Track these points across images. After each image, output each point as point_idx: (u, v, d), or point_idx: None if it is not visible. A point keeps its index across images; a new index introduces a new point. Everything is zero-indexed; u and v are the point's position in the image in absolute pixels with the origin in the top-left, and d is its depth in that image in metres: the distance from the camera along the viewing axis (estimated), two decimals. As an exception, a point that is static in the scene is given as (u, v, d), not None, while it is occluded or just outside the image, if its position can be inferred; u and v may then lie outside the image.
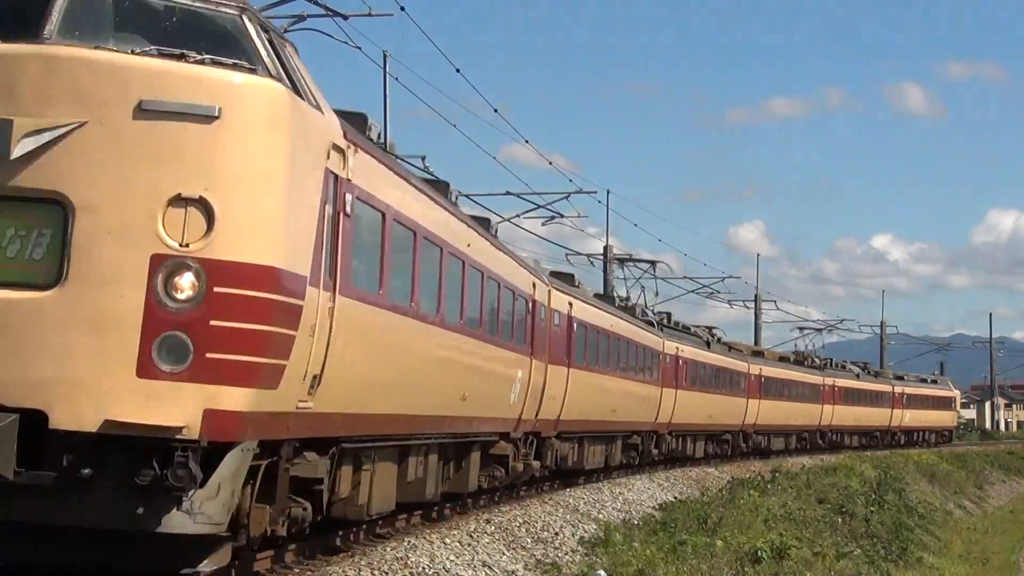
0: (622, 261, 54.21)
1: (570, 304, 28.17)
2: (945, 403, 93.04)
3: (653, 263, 55.06)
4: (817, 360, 71.86)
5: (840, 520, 33.22)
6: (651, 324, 40.76)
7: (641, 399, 36.57)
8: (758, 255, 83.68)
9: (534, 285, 24.67)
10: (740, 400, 50.82)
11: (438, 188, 18.52)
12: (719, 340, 55.02)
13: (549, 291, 26.14)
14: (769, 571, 21.26)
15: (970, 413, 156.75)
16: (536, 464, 26.41)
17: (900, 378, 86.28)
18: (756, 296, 78.52)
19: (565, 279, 30.51)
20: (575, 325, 28.46)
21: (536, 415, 25.77)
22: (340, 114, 13.33)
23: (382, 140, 16.90)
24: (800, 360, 68.59)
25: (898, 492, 45.10)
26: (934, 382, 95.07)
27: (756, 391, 52.88)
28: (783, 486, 37.99)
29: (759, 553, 21.87)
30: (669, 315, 48.06)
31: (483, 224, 21.85)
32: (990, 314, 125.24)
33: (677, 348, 41.52)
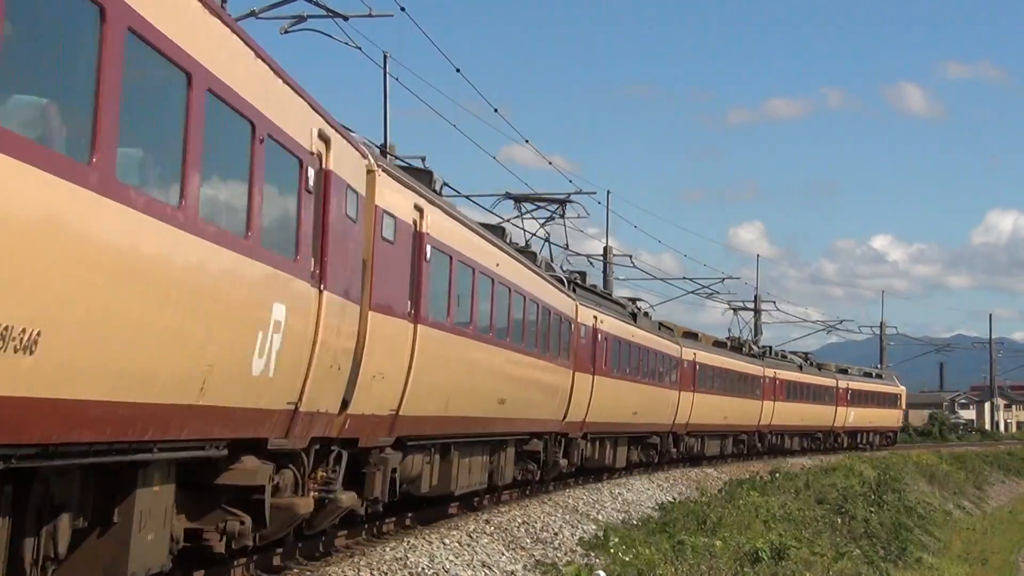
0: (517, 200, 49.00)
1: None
2: (891, 400, 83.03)
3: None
4: (755, 347, 61.43)
5: (839, 520, 33.25)
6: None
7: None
8: (758, 256, 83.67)
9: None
10: (671, 394, 41.12)
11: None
12: (646, 314, 44.56)
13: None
14: (768, 571, 21.28)
15: (970, 414, 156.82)
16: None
17: (844, 371, 76.53)
18: (756, 297, 78.52)
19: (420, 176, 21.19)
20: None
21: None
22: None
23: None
24: (737, 346, 57.39)
25: (897, 492, 45.13)
26: (879, 376, 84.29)
27: (689, 383, 43.53)
28: (782, 486, 38.03)
29: (758, 553, 21.90)
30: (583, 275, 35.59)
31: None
32: (990, 315, 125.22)
33: (595, 316, 31.54)
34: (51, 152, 7.72)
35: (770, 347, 63.44)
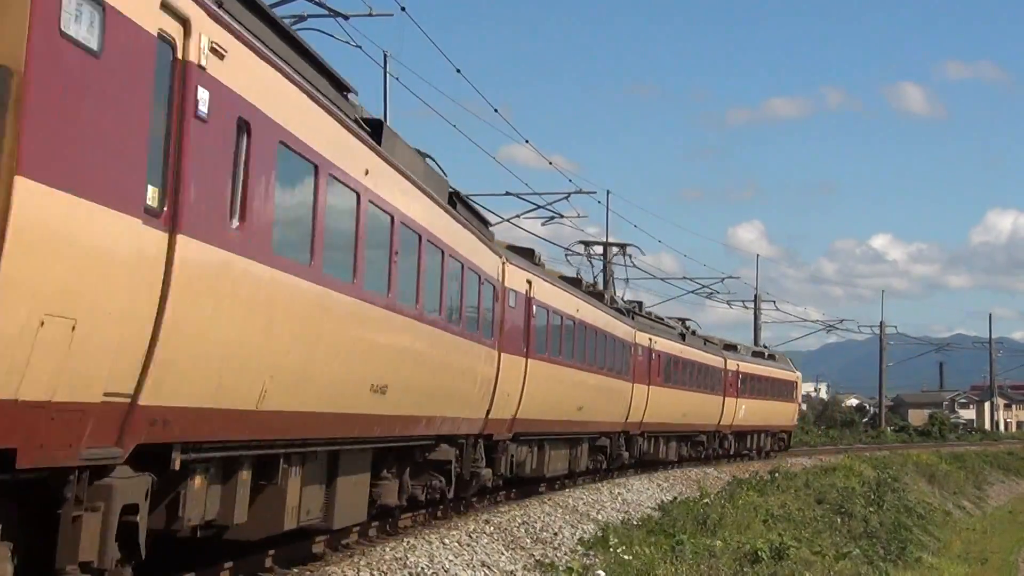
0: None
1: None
2: (787, 390, 62.41)
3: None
4: (621, 301, 41.10)
5: (839, 520, 33.24)
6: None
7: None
8: (757, 255, 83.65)
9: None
10: (488, 372, 22.14)
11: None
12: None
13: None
14: (768, 571, 21.27)
15: (970, 413, 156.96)
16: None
17: (731, 347, 55.75)
18: (755, 296, 78.59)
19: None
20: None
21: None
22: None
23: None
24: (595, 293, 35.39)
25: (897, 492, 45.14)
26: (771, 357, 63.27)
27: (509, 342, 23.57)
28: (782, 486, 38.03)
29: (758, 553, 21.89)
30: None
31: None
32: (989, 315, 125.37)
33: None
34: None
35: (639, 302, 44.22)
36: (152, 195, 9.18)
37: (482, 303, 20.93)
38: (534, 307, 25.21)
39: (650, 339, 39.29)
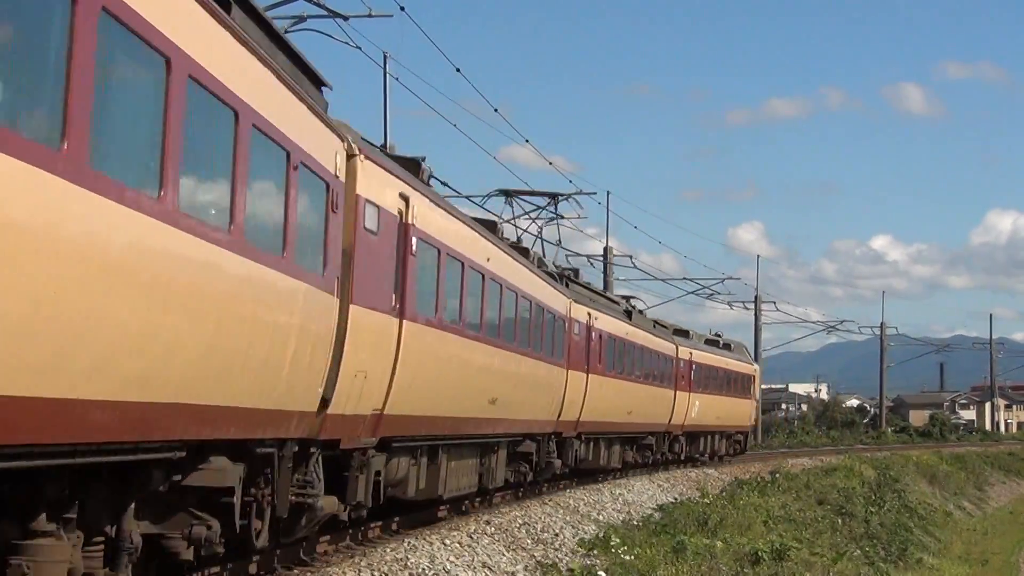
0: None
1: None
2: (743, 385, 55.06)
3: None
4: (552, 265, 32.71)
5: (840, 521, 33.25)
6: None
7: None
8: (758, 256, 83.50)
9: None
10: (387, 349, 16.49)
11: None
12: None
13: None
14: (769, 572, 21.28)
15: (970, 414, 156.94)
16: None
17: (683, 333, 47.64)
18: (756, 297, 78.52)
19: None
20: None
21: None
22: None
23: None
24: (520, 247, 28.12)
25: (898, 493, 45.16)
26: (727, 346, 55.12)
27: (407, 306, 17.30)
28: (783, 487, 38.04)
29: (759, 554, 21.90)
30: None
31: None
32: (990, 315, 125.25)
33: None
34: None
35: (575, 269, 36.79)
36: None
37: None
38: (413, 239, 16.71)
39: (589, 314, 31.07)
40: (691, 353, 45.02)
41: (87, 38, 7.99)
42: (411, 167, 17.94)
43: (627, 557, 19.85)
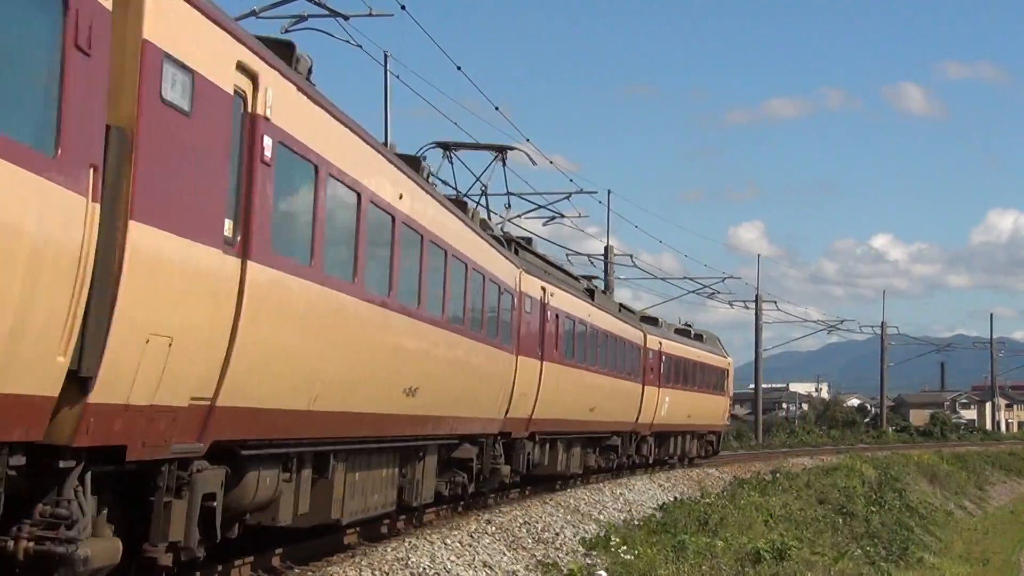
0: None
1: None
2: (717, 380, 49.76)
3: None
4: (498, 229, 28.59)
5: (841, 520, 33.25)
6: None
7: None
8: (758, 255, 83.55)
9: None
10: (220, 302, 11.80)
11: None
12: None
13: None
14: (770, 571, 21.26)
15: (971, 414, 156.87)
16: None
17: (652, 321, 42.63)
18: (756, 296, 78.49)
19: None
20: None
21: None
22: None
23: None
24: (458, 200, 23.30)
25: (899, 492, 45.15)
26: (698, 337, 49.39)
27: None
28: (784, 486, 38.02)
29: (760, 553, 21.89)
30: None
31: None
32: (991, 314, 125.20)
33: None
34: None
35: (528, 237, 30.63)
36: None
37: None
38: (265, 140, 11.46)
39: (543, 289, 26.16)
40: (660, 343, 39.76)
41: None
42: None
43: (628, 557, 19.85)
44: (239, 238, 10.74)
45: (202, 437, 10.57)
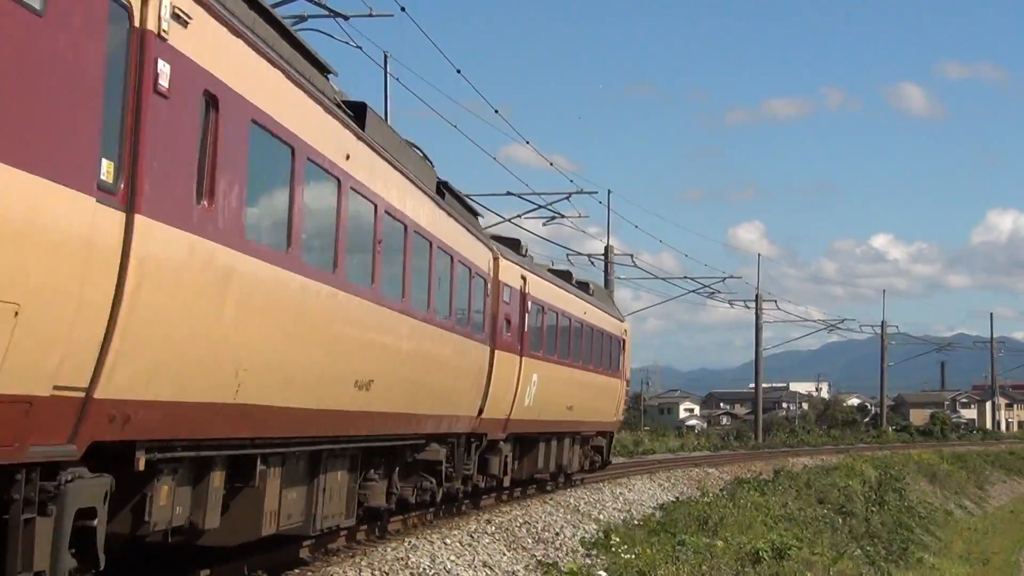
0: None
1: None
2: (611, 353, 33.43)
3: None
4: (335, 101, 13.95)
5: (840, 520, 33.27)
6: None
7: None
8: (759, 255, 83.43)
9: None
10: (84, 257, 8.32)
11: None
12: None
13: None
14: (769, 571, 21.28)
15: (971, 413, 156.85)
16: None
17: (512, 244, 25.27)
18: (757, 296, 78.52)
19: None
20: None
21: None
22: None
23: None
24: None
25: (898, 492, 45.15)
26: (583, 286, 31.59)
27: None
28: (784, 486, 38.02)
29: (759, 553, 21.90)
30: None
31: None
32: (991, 314, 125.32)
33: None
34: None
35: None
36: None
37: None
38: (157, 63, 9.16)
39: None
40: (525, 279, 23.98)
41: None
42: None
43: (628, 556, 19.86)
44: (122, 186, 8.44)
45: (75, 438, 8.34)
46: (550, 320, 26.36)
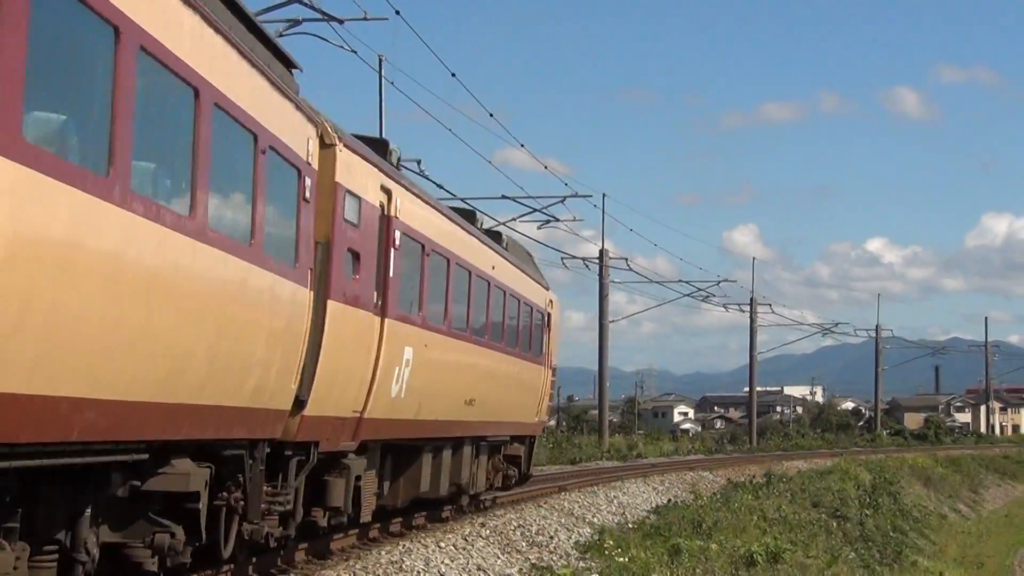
0: None
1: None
2: (532, 330, 24.80)
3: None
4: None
5: (835, 523, 33.28)
6: None
7: None
8: (753, 259, 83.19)
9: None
10: None
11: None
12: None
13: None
14: (763, 575, 21.29)
15: (965, 417, 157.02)
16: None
17: (380, 145, 16.17)
18: (751, 299, 78.56)
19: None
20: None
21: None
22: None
23: None
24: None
25: (893, 496, 45.19)
26: (495, 236, 23.81)
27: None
28: (778, 489, 38.04)
29: (753, 557, 21.91)
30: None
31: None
32: (985, 318, 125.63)
33: None
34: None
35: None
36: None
37: None
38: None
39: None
40: (397, 200, 15.90)
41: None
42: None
43: (622, 560, 19.86)
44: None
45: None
46: (436, 268, 17.80)
